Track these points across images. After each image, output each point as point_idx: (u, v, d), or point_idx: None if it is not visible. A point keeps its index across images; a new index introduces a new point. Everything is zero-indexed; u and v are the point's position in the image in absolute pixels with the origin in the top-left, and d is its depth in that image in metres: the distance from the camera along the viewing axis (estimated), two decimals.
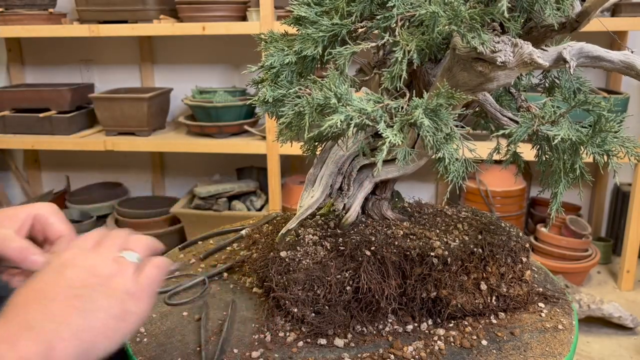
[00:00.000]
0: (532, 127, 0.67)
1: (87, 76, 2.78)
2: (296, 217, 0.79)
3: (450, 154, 0.64)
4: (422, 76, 0.76)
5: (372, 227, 0.79)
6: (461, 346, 0.71)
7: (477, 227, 0.81)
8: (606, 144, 0.65)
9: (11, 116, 2.44)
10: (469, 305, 0.75)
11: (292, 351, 0.70)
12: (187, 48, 2.66)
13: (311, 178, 0.81)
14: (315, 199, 0.79)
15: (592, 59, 0.68)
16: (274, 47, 0.74)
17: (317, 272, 0.72)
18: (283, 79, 0.74)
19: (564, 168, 0.69)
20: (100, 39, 2.67)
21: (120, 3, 2.26)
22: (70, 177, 2.92)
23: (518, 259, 0.78)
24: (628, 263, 2.15)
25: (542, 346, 0.71)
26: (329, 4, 0.71)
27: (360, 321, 0.74)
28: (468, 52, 0.63)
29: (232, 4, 2.23)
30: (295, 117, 0.66)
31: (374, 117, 0.62)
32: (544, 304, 0.81)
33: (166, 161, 2.88)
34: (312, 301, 0.72)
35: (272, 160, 2.23)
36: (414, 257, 0.73)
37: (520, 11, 0.64)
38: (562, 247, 2.16)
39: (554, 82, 0.80)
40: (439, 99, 0.62)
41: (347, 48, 0.67)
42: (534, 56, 0.62)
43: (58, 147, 2.44)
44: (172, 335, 0.74)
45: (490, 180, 2.28)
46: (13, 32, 2.36)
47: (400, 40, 0.64)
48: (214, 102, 2.29)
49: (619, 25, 2.05)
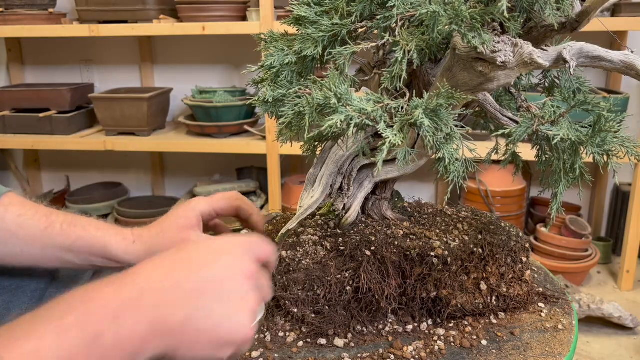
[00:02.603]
0: (532, 127, 0.67)
1: (87, 76, 2.77)
2: (296, 217, 0.79)
3: (450, 154, 0.64)
4: (422, 76, 0.76)
5: (372, 227, 0.79)
6: (461, 346, 0.71)
7: (477, 227, 0.81)
8: (606, 144, 0.65)
9: (11, 116, 2.44)
10: (469, 305, 0.75)
11: (292, 351, 0.70)
12: (187, 48, 2.66)
13: (311, 178, 0.81)
14: (315, 199, 0.79)
15: (592, 59, 0.68)
16: (274, 47, 0.75)
17: (317, 272, 0.72)
18: (283, 79, 0.74)
19: (564, 168, 0.69)
20: (100, 39, 2.67)
21: (120, 3, 2.26)
22: (70, 177, 2.92)
23: (518, 259, 0.78)
24: (628, 263, 2.15)
25: (542, 346, 0.71)
26: (329, 4, 0.71)
27: (361, 321, 0.74)
28: (468, 52, 0.63)
29: (232, 4, 2.23)
30: (295, 117, 0.66)
31: (374, 117, 0.62)
32: (544, 304, 0.81)
33: (166, 161, 2.88)
34: (312, 301, 0.72)
35: (272, 160, 2.23)
36: (414, 257, 0.73)
37: (520, 11, 0.64)
38: (562, 247, 2.16)
39: (554, 82, 0.80)
40: (439, 99, 0.62)
41: (347, 48, 0.67)
42: (534, 56, 0.62)
43: (58, 147, 2.44)
44: None
45: (490, 180, 2.28)
46: (13, 32, 2.36)
47: (400, 40, 0.64)
48: (214, 102, 2.29)
49: (619, 25, 2.05)
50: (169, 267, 0.49)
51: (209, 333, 0.47)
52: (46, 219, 0.74)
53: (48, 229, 0.74)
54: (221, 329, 0.48)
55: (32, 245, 0.73)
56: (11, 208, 0.74)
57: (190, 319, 0.47)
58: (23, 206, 0.75)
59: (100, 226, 0.77)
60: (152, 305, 0.46)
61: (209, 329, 0.47)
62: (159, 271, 0.49)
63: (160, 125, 2.50)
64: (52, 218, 0.75)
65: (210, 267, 0.50)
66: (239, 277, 0.51)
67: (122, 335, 0.43)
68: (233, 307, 0.49)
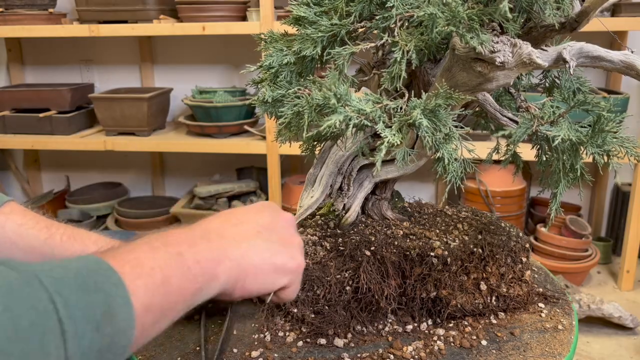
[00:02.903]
0: (531, 127, 0.67)
1: (87, 76, 2.78)
2: (296, 217, 0.79)
3: (449, 154, 0.64)
4: (422, 76, 0.76)
5: (372, 227, 0.79)
6: (461, 346, 0.71)
7: (477, 227, 0.81)
8: (606, 144, 0.65)
9: (11, 116, 2.44)
10: (468, 305, 0.75)
11: (291, 351, 0.70)
12: (187, 48, 2.66)
13: (311, 178, 0.81)
14: (315, 199, 0.79)
15: (592, 59, 0.68)
16: (274, 47, 0.74)
17: (316, 272, 0.72)
18: (282, 79, 0.74)
19: (564, 168, 0.69)
20: (100, 39, 2.67)
21: (120, 3, 2.26)
22: (70, 177, 2.92)
23: (518, 259, 0.78)
24: (628, 263, 2.15)
25: (542, 346, 0.71)
26: (328, 4, 0.71)
27: (360, 321, 0.74)
28: (467, 52, 0.63)
29: (232, 4, 2.23)
30: (294, 117, 0.66)
31: (373, 118, 0.62)
32: (544, 304, 0.81)
33: (166, 161, 2.88)
34: (312, 301, 0.72)
35: (272, 160, 2.23)
36: (414, 257, 0.73)
37: (519, 11, 0.64)
38: (562, 247, 2.16)
39: (554, 82, 0.80)
40: (438, 99, 0.62)
41: (346, 48, 0.67)
42: (533, 56, 0.62)
43: (58, 147, 2.44)
44: (172, 335, 0.74)
45: (490, 180, 2.28)
46: (13, 32, 2.36)
47: (399, 40, 0.64)
48: (214, 102, 2.29)
49: (619, 25, 2.05)
50: (226, 217, 0.61)
51: (267, 263, 0.58)
52: (47, 230, 0.75)
53: (48, 240, 0.74)
54: (276, 259, 0.58)
55: (32, 255, 0.73)
56: (12, 217, 0.74)
57: (249, 251, 0.57)
58: (24, 216, 0.75)
59: (98, 241, 0.76)
60: (218, 239, 0.56)
61: (267, 260, 0.58)
62: (219, 219, 0.60)
63: (160, 125, 2.50)
64: (52, 230, 0.75)
65: (260, 215, 0.62)
66: (283, 222, 0.64)
67: (199, 257, 0.52)
68: (283, 243, 0.60)
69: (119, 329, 0.43)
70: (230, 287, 0.55)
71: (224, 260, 0.54)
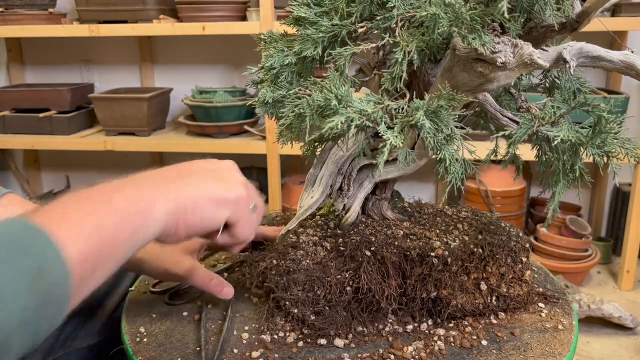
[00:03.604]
0: (532, 128, 0.67)
1: (87, 76, 2.77)
2: (296, 217, 0.79)
3: (451, 155, 0.64)
4: (422, 76, 0.76)
5: (372, 227, 0.79)
6: (461, 346, 0.71)
7: (477, 227, 0.81)
8: (606, 145, 0.65)
9: (11, 116, 2.44)
10: (469, 305, 0.75)
11: (292, 351, 0.70)
12: (187, 48, 2.66)
13: (311, 178, 0.81)
14: (315, 200, 0.79)
15: (592, 59, 0.68)
16: (274, 48, 0.74)
17: (317, 273, 0.72)
18: (283, 80, 0.74)
19: (564, 169, 0.69)
20: (100, 39, 2.67)
21: (120, 3, 2.26)
22: (70, 177, 2.92)
23: (518, 259, 0.78)
24: (628, 263, 2.15)
25: (542, 346, 0.71)
26: (328, 5, 0.71)
27: (361, 321, 0.74)
28: (468, 52, 0.63)
29: (232, 4, 2.23)
30: (296, 118, 0.66)
31: (375, 119, 0.62)
32: (544, 304, 0.81)
33: (166, 161, 2.88)
34: (312, 302, 0.72)
35: (272, 160, 2.23)
36: (414, 257, 0.73)
37: (520, 11, 0.64)
38: (562, 247, 2.16)
39: (554, 82, 0.80)
40: (440, 100, 0.62)
41: (347, 49, 0.67)
42: (534, 57, 0.62)
43: (58, 147, 2.44)
44: (172, 335, 0.74)
45: (490, 180, 2.28)
46: (13, 32, 2.36)
47: (400, 41, 0.64)
48: (214, 102, 2.29)
49: (619, 25, 2.05)
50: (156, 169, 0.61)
51: (203, 195, 0.58)
52: None
53: None
54: (212, 190, 0.59)
55: None
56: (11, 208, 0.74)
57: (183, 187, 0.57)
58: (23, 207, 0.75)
59: None
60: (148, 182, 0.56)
61: (203, 191, 0.58)
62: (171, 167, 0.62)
63: (160, 125, 2.50)
64: None
65: (194, 163, 0.64)
66: (222, 164, 0.65)
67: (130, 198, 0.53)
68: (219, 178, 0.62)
69: (54, 284, 0.43)
70: (172, 223, 0.55)
71: (158, 197, 0.54)
